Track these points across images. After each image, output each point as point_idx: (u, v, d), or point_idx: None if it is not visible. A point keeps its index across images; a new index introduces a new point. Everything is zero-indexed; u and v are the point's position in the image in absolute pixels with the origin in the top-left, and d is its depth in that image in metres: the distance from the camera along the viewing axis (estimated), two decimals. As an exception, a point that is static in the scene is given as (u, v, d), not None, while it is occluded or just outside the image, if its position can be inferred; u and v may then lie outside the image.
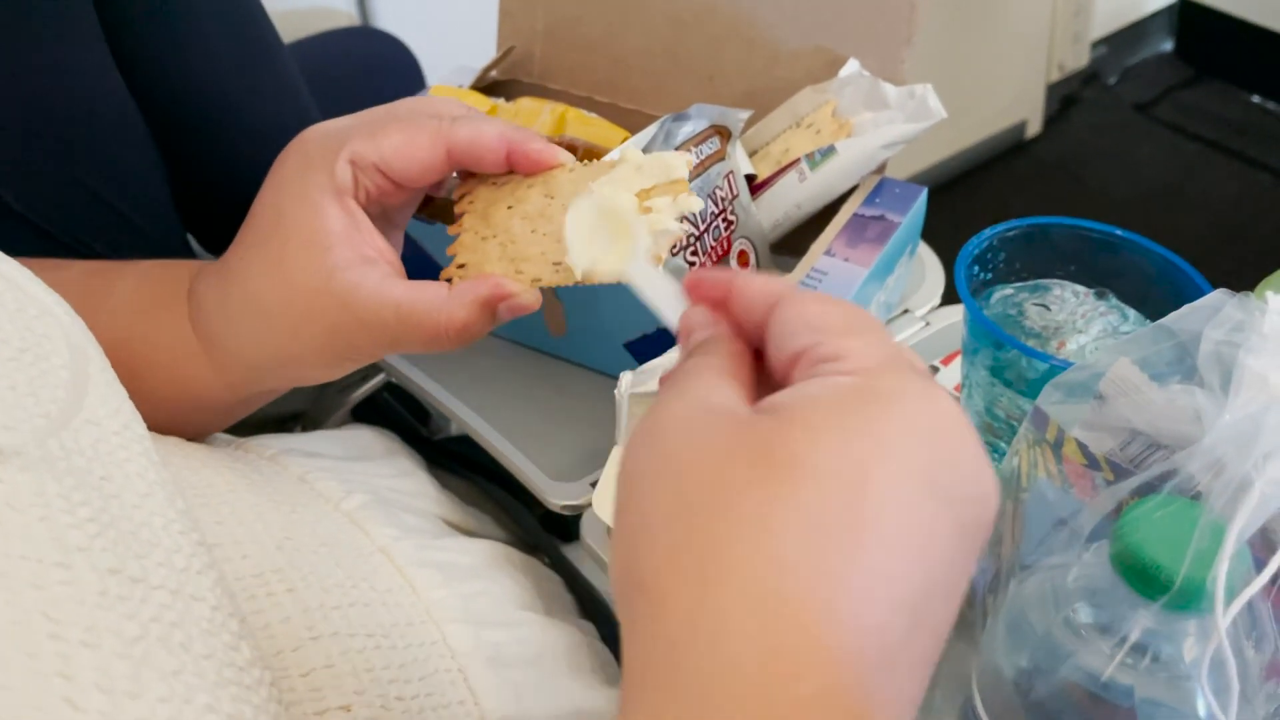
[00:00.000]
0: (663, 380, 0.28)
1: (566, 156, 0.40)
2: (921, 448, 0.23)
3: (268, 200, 0.39)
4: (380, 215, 0.41)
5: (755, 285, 0.28)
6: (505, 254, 0.39)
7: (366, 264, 0.38)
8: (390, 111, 0.40)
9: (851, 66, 0.58)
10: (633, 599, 0.24)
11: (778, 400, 0.25)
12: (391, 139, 0.38)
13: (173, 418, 0.42)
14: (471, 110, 0.41)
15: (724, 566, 0.22)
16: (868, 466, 0.23)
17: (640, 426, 0.25)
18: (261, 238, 0.39)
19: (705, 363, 0.27)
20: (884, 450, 0.23)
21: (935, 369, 0.58)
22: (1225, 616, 0.29)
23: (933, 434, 0.23)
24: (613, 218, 0.34)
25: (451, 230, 0.41)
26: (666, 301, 0.31)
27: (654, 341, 0.54)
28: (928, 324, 0.61)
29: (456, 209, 0.42)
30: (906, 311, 0.62)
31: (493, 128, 0.39)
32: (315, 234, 0.37)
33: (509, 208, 0.40)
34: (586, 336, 0.58)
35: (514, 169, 0.40)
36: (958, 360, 0.58)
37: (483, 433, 0.58)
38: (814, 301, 0.27)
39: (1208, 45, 2.07)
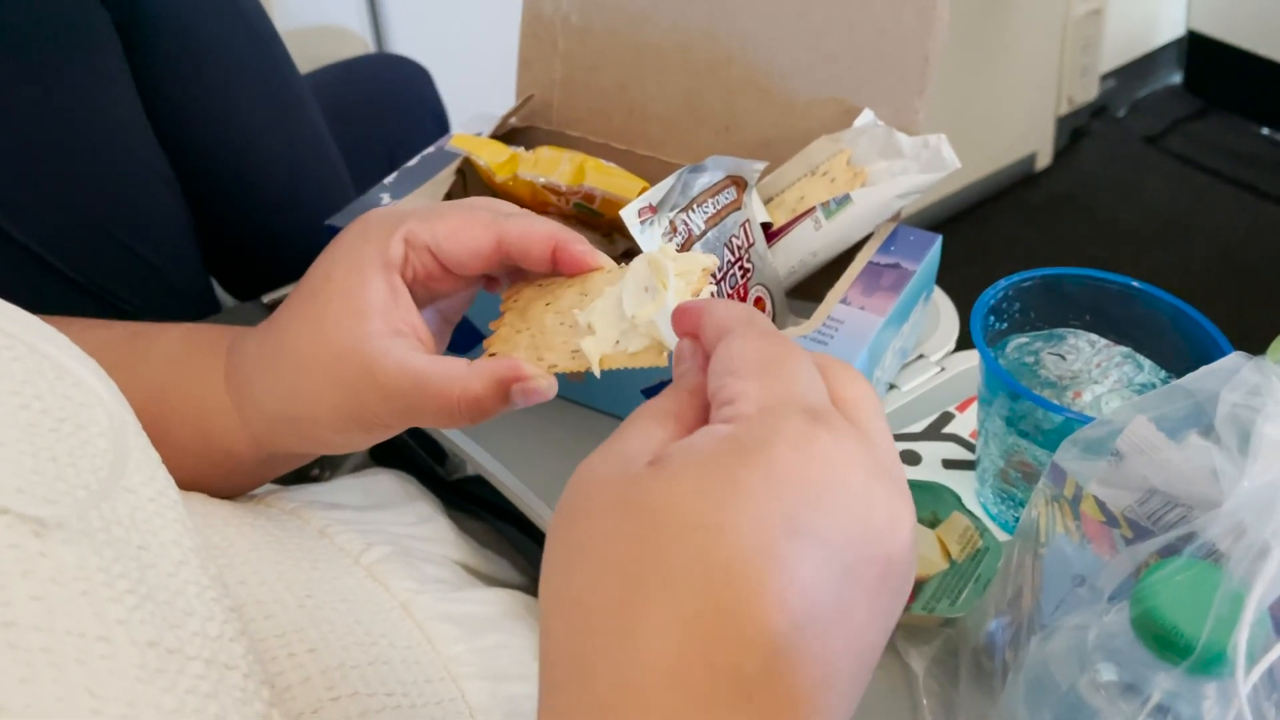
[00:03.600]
0: None
1: (606, 260, 0.41)
2: (782, 494, 0.25)
3: (321, 264, 0.41)
4: (427, 298, 0.42)
5: (715, 318, 0.30)
6: (532, 344, 0.40)
7: (397, 335, 0.39)
8: (451, 203, 0.42)
9: (866, 117, 0.59)
10: (541, 629, 0.27)
11: (668, 450, 0.27)
12: (447, 223, 0.40)
13: (199, 473, 0.43)
14: (525, 211, 0.43)
15: (591, 611, 0.25)
16: (722, 514, 0.24)
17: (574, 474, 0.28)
18: (307, 297, 0.40)
19: (651, 408, 0.29)
20: (740, 498, 0.24)
21: (950, 415, 0.59)
22: (1246, 683, 0.29)
23: (797, 480, 0.25)
24: (657, 269, 0.37)
25: (492, 325, 0.42)
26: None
27: (671, 389, 0.54)
28: (943, 369, 0.62)
29: (502, 307, 0.43)
30: (921, 357, 0.62)
31: (543, 226, 0.40)
32: (356, 299, 0.39)
33: (546, 304, 0.41)
34: (605, 382, 0.58)
35: (557, 267, 0.41)
36: (974, 406, 0.59)
37: (500, 476, 0.59)
38: (739, 339, 0.29)
39: (1216, 78, 2.08)
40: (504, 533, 0.61)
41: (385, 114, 0.94)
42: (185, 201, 0.65)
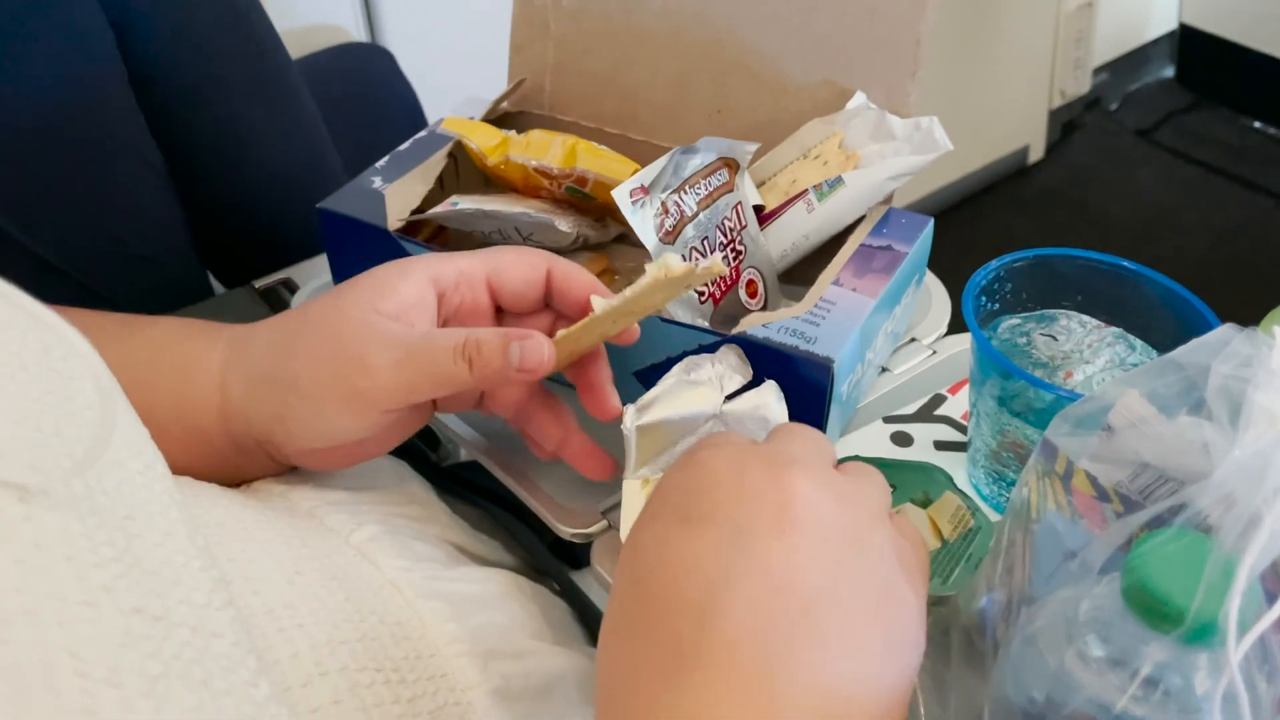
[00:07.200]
0: None
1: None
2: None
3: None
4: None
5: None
6: None
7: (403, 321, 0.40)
8: (497, 248, 0.46)
9: (858, 99, 0.59)
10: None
11: None
12: (503, 257, 0.43)
13: (175, 458, 0.42)
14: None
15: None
16: None
17: None
18: (343, 285, 0.42)
19: None
20: None
21: (942, 397, 0.59)
22: (1237, 651, 0.29)
23: None
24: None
25: None
26: None
27: (663, 371, 0.54)
28: (934, 352, 0.62)
29: None
30: (913, 340, 0.62)
31: (586, 274, 0.46)
32: (384, 284, 0.40)
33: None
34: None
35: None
36: (965, 389, 0.59)
37: (492, 460, 0.58)
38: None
39: (1208, 71, 2.08)
40: (496, 516, 0.61)
41: (355, 103, 0.93)
42: (176, 190, 0.65)
